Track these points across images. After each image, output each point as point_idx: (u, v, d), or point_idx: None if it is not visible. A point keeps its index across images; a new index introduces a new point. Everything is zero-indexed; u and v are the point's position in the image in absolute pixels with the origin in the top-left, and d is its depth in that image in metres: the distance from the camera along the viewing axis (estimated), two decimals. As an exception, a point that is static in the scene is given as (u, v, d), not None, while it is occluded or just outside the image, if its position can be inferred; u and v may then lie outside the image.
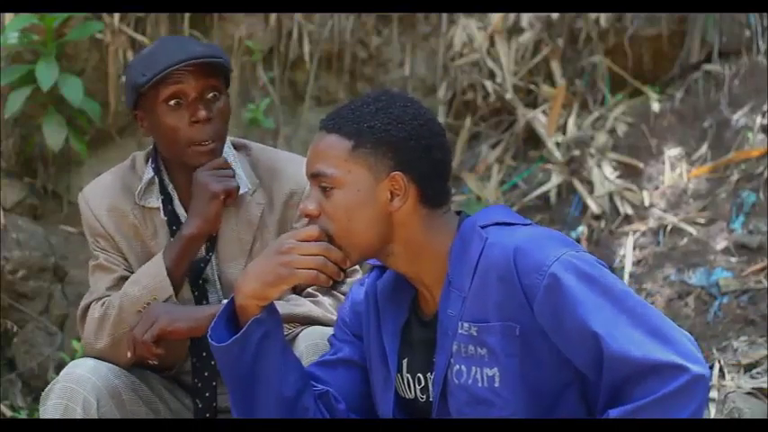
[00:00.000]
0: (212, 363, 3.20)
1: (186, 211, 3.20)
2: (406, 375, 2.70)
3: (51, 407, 3.02)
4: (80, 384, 3.03)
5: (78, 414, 3.00)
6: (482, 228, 2.60)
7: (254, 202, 3.22)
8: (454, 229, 2.64)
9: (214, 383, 3.21)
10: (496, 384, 2.55)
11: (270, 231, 3.20)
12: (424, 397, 2.69)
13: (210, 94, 3.13)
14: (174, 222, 3.21)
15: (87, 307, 3.20)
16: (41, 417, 3.03)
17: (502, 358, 2.54)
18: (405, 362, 2.70)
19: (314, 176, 2.62)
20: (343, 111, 2.64)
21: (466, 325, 2.57)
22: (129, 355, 3.06)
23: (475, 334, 2.56)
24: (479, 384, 2.57)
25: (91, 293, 3.22)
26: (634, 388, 2.44)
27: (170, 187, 3.22)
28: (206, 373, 3.21)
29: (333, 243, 2.61)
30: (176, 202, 3.22)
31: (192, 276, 3.20)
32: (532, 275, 2.51)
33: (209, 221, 3.14)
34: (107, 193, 3.24)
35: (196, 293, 3.21)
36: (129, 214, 3.22)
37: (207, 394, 3.21)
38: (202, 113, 3.09)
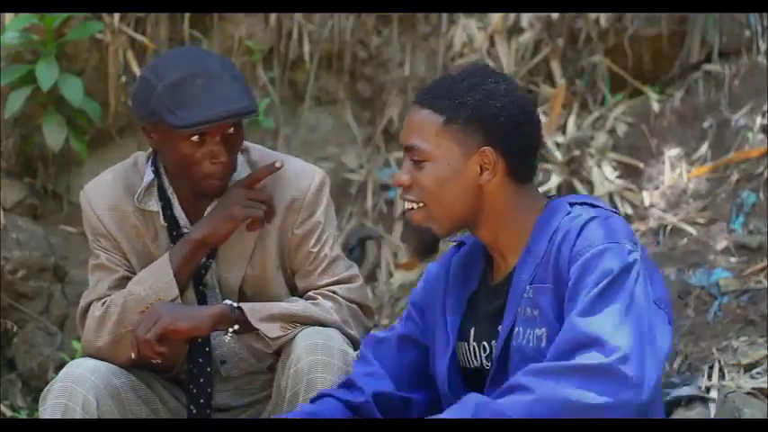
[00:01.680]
0: (208, 369, 3.20)
1: (187, 215, 3.19)
2: (473, 344, 2.77)
3: (51, 406, 3.02)
4: (80, 384, 3.03)
5: (78, 413, 3.00)
6: (570, 205, 2.71)
7: (255, 207, 3.20)
8: (540, 205, 2.73)
9: (209, 389, 3.21)
10: (543, 344, 2.62)
11: (270, 237, 3.19)
12: (489, 364, 2.74)
13: (231, 129, 3.07)
14: (174, 228, 3.19)
15: (88, 306, 3.20)
16: (41, 416, 3.03)
17: (551, 319, 2.62)
18: (472, 330, 2.77)
19: (406, 149, 2.72)
20: (437, 85, 2.75)
21: (530, 288, 2.66)
22: (133, 355, 3.06)
23: (531, 295, 2.64)
24: (530, 345, 2.64)
25: (90, 293, 3.22)
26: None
27: (169, 191, 3.20)
28: (201, 380, 3.21)
29: (426, 211, 2.71)
30: (176, 207, 3.21)
31: (192, 281, 3.20)
32: (585, 246, 2.60)
33: (217, 235, 3.13)
34: (109, 192, 3.22)
35: (196, 298, 3.20)
36: (131, 215, 3.21)
37: (202, 401, 3.21)
38: (224, 158, 3.05)
